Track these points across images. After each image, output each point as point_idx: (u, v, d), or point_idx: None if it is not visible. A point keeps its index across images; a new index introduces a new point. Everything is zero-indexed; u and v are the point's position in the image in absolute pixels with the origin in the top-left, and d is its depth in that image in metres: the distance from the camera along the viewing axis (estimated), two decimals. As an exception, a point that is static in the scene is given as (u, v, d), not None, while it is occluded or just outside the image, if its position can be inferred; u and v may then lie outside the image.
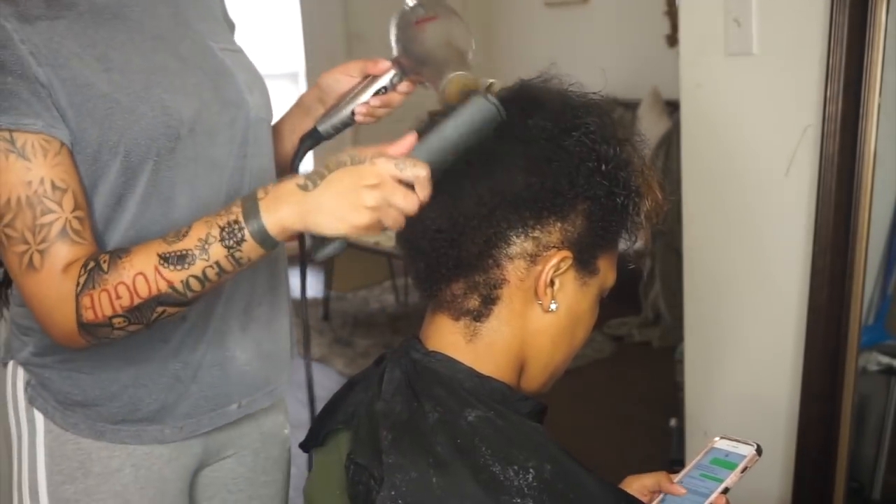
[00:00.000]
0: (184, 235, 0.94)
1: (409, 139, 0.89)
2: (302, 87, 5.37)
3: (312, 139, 1.16)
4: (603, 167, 0.84)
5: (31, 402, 1.13)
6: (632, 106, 4.13)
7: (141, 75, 1.05)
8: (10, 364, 1.16)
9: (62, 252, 0.96)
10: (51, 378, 1.11)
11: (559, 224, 0.85)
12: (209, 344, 1.14)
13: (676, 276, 2.04)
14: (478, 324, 0.88)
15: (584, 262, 0.87)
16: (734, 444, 0.96)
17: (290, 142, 1.25)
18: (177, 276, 0.93)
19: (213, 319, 1.14)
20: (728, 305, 1.84)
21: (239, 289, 1.15)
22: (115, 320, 0.95)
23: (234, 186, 1.13)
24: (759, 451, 0.94)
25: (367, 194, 0.85)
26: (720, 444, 0.97)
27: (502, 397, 0.87)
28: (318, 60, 5.17)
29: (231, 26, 1.26)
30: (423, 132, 0.90)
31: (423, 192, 0.86)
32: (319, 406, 1.02)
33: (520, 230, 0.85)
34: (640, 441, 2.97)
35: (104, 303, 0.94)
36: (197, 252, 0.92)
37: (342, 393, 0.98)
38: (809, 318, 1.63)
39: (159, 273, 0.93)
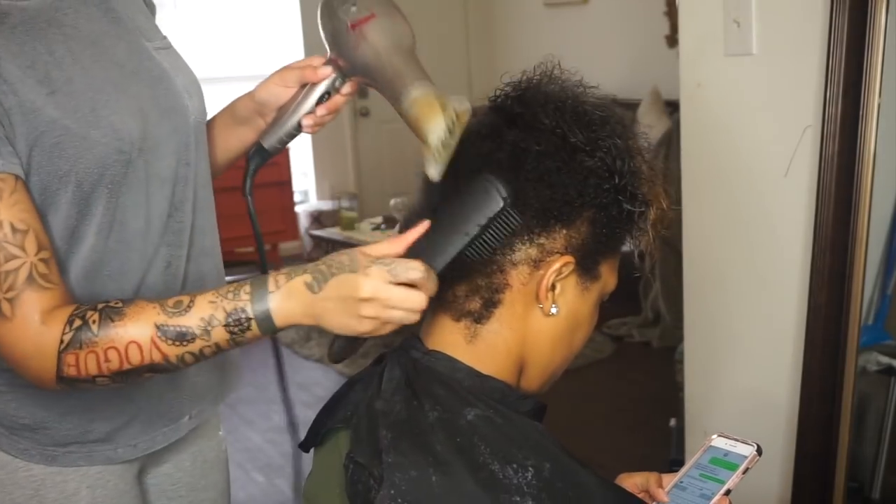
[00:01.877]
0: (186, 310, 0.90)
1: (420, 228, 0.87)
2: (302, 86, 5.36)
3: (260, 157, 1.10)
4: (615, 179, 0.84)
5: None
6: (632, 106, 4.12)
7: (86, 95, 0.99)
8: None
9: (32, 300, 0.91)
10: None
11: (564, 231, 0.85)
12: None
13: (676, 276, 2.03)
14: (478, 325, 0.88)
15: (586, 268, 0.87)
16: (733, 443, 0.95)
17: (224, 148, 1.20)
18: (173, 350, 0.90)
19: None
20: (728, 305, 1.84)
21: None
22: (99, 379, 0.92)
23: (178, 198, 1.09)
24: (759, 451, 0.93)
25: (363, 307, 0.85)
26: (717, 441, 0.96)
27: (501, 396, 0.87)
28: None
29: (152, 8, 1.18)
30: (420, 210, 0.88)
31: (427, 286, 0.85)
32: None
33: (525, 238, 0.85)
34: (640, 441, 2.97)
35: (90, 363, 0.91)
36: (198, 332, 0.90)
37: (342, 392, 0.98)
38: (809, 318, 1.63)
39: (155, 345, 0.90)
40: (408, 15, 1.00)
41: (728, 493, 0.92)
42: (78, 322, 0.91)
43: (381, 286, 0.84)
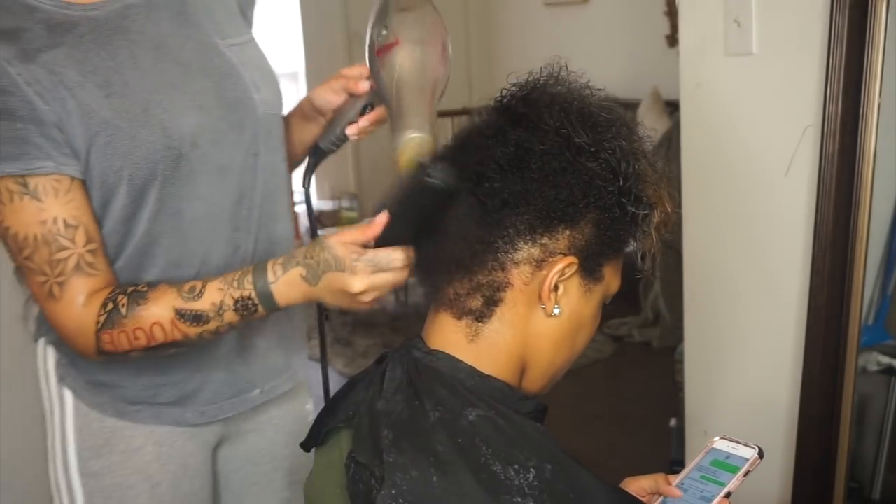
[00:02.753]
0: (199, 295, 1.04)
1: (378, 222, 0.95)
2: (302, 86, 5.37)
3: (317, 156, 1.19)
4: (619, 182, 0.84)
5: (60, 380, 1.19)
6: (632, 106, 4.12)
7: (140, 97, 1.08)
8: (41, 342, 1.22)
9: (79, 285, 1.05)
10: (78, 358, 1.16)
11: (568, 231, 0.85)
12: (231, 335, 1.18)
13: (676, 276, 2.03)
14: (480, 324, 0.88)
15: (589, 269, 0.87)
16: (734, 445, 0.95)
17: (298, 140, 1.28)
18: (192, 330, 1.04)
19: None
20: (728, 305, 1.83)
21: None
22: (133, 353, 1.06)
23: (246, 186, 1.17)
24: (760, 454, 0.93)
25: (359, 297, 0.97)
26: (720, 444, 0.96)
27: (503, 397, 0.87)
28: (318, 60, 5.17)
29: (249, 2, 1.26)
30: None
31: (406, 270, 0.95)
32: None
33: (528, 237, 0.85)
34: (640, 441, 2.97)
35: (122, 341, 1.05)
36: (212, 315, 1.03)
37: (343, 392, 0.98)
38: (809, 318, 1.63)
39: (175, 326, 1.03)
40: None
41: (728, 495, 0.92)
42: (110, 305, 1.04)
43: (368, 280, 0.95)
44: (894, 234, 1.74)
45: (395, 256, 0.94)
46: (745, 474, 0.92)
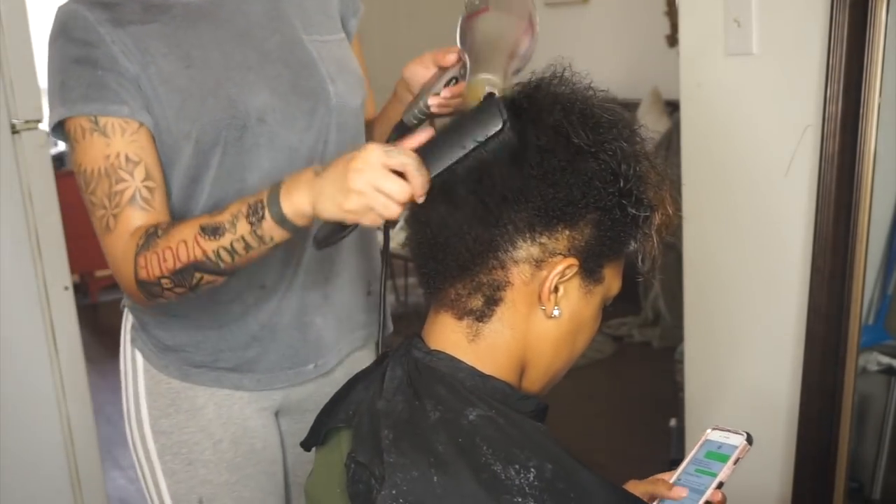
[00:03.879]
0: (224, 209, 1.04)
1: (424, 134, 0.91)
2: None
3: (399, 130, 1.19)
4: (620, 183, 0.84)
5: (132, 342, 1.27)
6: (632, 106, 4.12)
7: (215, 71, 1.15)
8: (126, 309, 1.31)
9: (132, 216, 1.10)
10: (148, 322, 1.25)
11: (567, 232, 0.85)
12: (290, 309, 1.24)
13: (676, 276, 2.03)
14: (480, 324, 0.88)
15: (589, 271, 0.87)
16: (726, 434, 0.95)
17: (390, 121, 1.29)
18: (210, 245, 1.03)
19: (294, 287, 1.24)
20: (728, 305, 1.84)
21: (323, 262, 1.25)
22: (163, 281, 1.07)
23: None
24: (749, 440, 0.93)
25: (353, 177, 0.89)
26: (713, 435, 0.96)
27: (503, 396, 0.87)
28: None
29: (354, 10, 1.33)
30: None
31: (416, 181, 0.87)
32: None
33: (527, 235, 0.85)
34: (640, 441, 2.97)
35: (154, 264, 1.06)
36: (227, 225, 1.02)
37: (343, 391, 0.98)
38: (809, 318, 1.63)
39: (197, 242, 1.04)
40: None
41: (721, 485, 0.91)
42: (151, 230, 1.08)
43: (372, 160, 0.88)
44: (894, 234, 1.74)
45: (409, 153, 0.88)
46: (735, 462, 0.92)
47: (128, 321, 1.30)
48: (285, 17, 1.23)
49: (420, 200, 0.88)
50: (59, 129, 1.14)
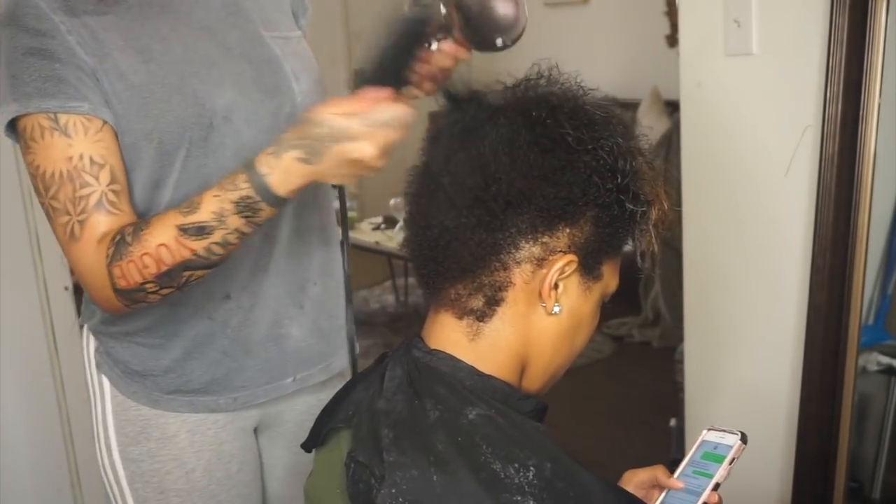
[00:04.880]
0: (196, 208, 1.00)
1: (370, 93, 0.95)
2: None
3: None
4: (617, 179, 0.84)
5: (98, 367, 1.21)
6: (632, 106, 4.12)
7: (178, 66, 1.09)
8: (85, 328, 1.24)
9: (99, 222, 1.04)
10: (114, 347, 1.19)
11: (568, 230, 0.85)
12: (262, 321, 1.20)
13: (676, 276, 2.03)
14: (481, 324, 0.88)
15: (588, 267, 0.87)
16: (721, 434, 0.95)
17: None
18: (198, 244, 1.00)
19: (266, 298, 1.19)
20: (728, 305, 1.84)
21: (295, 270, 1.22)
22: (147, 286, 1.03)
23: None
24: (743, 439, 0.93)
25: (373, 161, 0.95)
26: (709, 435, 0.96)
27: (503, 396, 0.87)
28: (318, 60, 5.17)
29: (302, 9, 1.31)
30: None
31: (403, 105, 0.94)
32: None
33: (529, 236, 0.85)
34: (640, 441, 2.97)
35: (132, 272, 1.02)
36: (214, 224, 1.00)
37: (343, 392, 0.98)
38: (809, 318, 1.63)
39: (181, 243, 1.00)
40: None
41: (717, 486, 0.92)
42: (118, 237, 1.03)
43: (378, 141, 0.94)
44: (894, 234, 1.74)
45: (395, 108, 0.94)
46: (731, 462, 0.92)
47: (90, 344, 1.23)
48: (244, 11, 1.18)
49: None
50: (11, 127, 1.06)
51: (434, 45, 1.08)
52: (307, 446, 0.99)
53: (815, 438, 1.65)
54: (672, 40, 4.12)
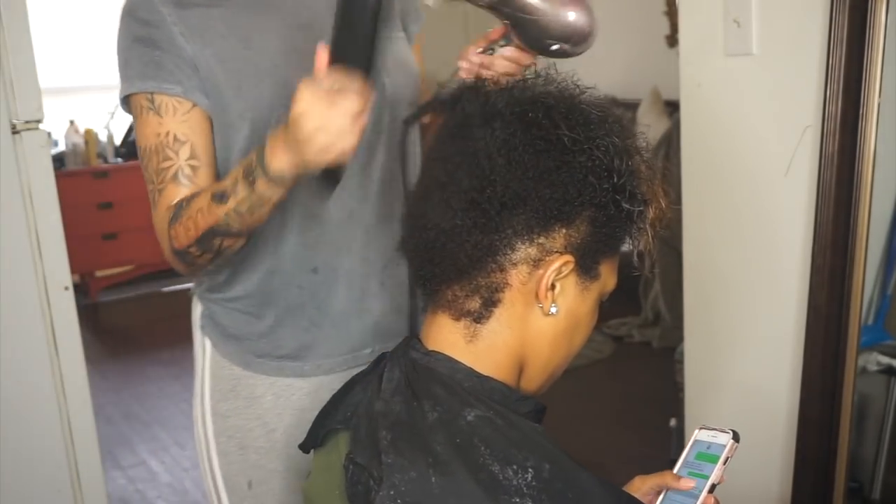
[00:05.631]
0: (227, 176, 1.10)
1: (322, 53, 0.99)
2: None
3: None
4: (613, 178, 0.84)
5: (202, 329, 1.33)
6: (632, 106, 4.12)
7: (273, 55, 1.19)
8: (196, 294, 1.36)
9: (171, 193, 1.15)
10: (216, 312, 1.31)
11: (564, 230, 0.85)
12: (346, 295, 1.28)
13: (676, 276, 2.03)
14: (478, 325, 0.87)
15: (585, 267, 0.87)
16: (713, 433, 0.94)
17: None
18: (220, 210, 1.08)
19: (351, 275, 1.27)
20: (728, 305, 1.84)
21: (378, 251, 1.28)
22: (191, 249, 1.13)
23: (365, 158, 1.24)
24: (735, 437, 0.92)
25: (304, 120, 0.96)
26: (700, 435, 0.95)
27: (501, 397, 0.87)
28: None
29: (416, 16, 1.38)
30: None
31: (353, 85, 0.96)
32: None
33: (525, 237, 0.84)
34: (640, 441, 2.97)
35: (181, 234, 1.13)
36: (230, 190, 1.07)
37: (342, 393, 0.98)
38: (809, 318, 1.63)
39: (210, 208, 1.09)
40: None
41: (714, 487, 0.91)
42: (181, 202, 1.14)
43: (308, 95, 0.96)
44: (894, 234, 1.74)
45: (332, 73, 0.97)
46: (725, 462, 0.91)
47: (196, 309, 1.35)
48: None
49: (368, 98, 0.96)
50: (126, 104, 1.21)
51: (495, 51, 1.15)
52: (305, 447, 0.99)
53: (815, 438, 1.65)
54: (672, 40, 4.12)
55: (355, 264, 1.27)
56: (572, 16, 1.10)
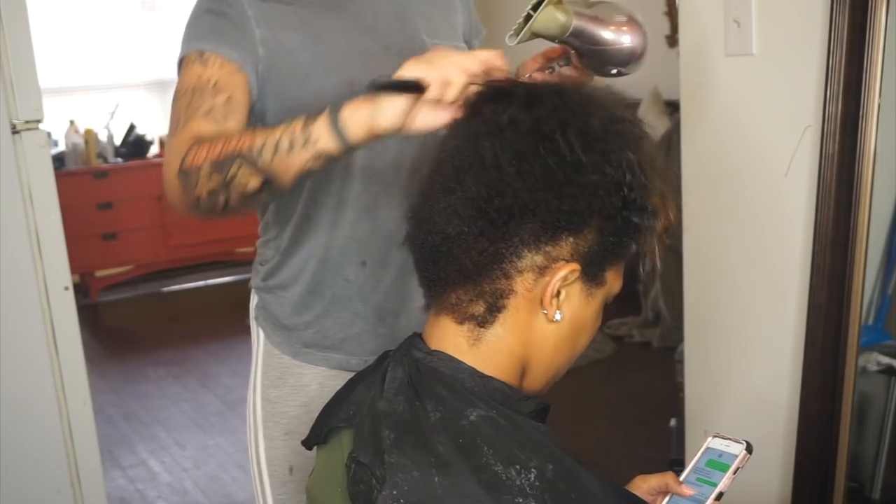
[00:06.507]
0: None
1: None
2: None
3: None
4: (624, 192, 0.84)
5: (256, 319, 1.40)
6: (632, 106, 4.11)
7: (341, 53, 1.24)
8: (252, 290, 1.43)
9: (201, 124, 1.14)
10: (269, 302, 1.37)
11: (571, 239, 0.85)
12: (393, 293, 1.33)
13: (676, 276, 2.03)
14: (482, 329, 0.87)
15: (591, 275, 0.87)
16: (726, 442, 0.94)
17: None
18: (258, 139, 1.05)
19: (399, 272, 1.31)
20: (728, 305, 1.84)
21: None
22: (203, 167, 1.09)
23: (420, 163, 1.25)
24: (749, 449, 0.92)
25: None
26: (714, 443, 0.95)
27: (504, 397, 0.87)
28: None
29: (476, 31, 1.44)
30: None
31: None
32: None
33: (532, 245, 0.84)
34: (640, 441, 2.97)
35: (202, 153, 1.09)
36: (282, 126, 1.05)
37: (345, 391, 0.98)
38: (809, 318, 1.63)
39: (246, 137, 1.07)
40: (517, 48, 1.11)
41: (721, 495, 0.91)
42: (208, 137, 1.11)
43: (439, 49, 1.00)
44: (894, 234, 1.74)
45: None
46: (735, 472, 0.91)
47: (253, 301, 1.42)
48: (411, 19, 1.32)
49: (490, 66, 0.98)
50: (179, 66, 1.22)
51: (555, 70, 1.17)
52: (308, 444, 0.99)
53: (815, 438, 1.65)
54: (672, 40, 4.12)
55: (404, 262, 1.29)
56: (635, 43, 1.15)
